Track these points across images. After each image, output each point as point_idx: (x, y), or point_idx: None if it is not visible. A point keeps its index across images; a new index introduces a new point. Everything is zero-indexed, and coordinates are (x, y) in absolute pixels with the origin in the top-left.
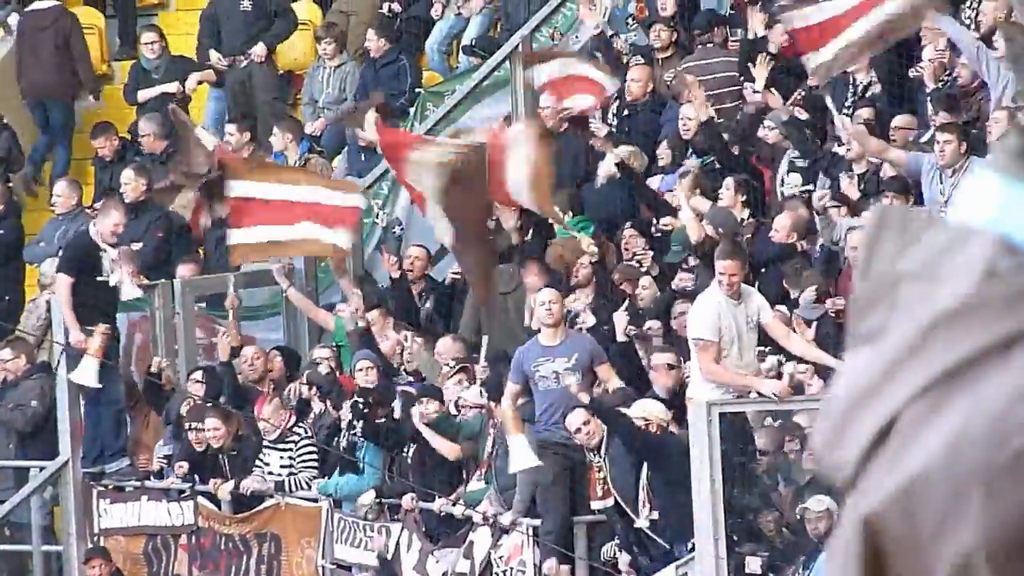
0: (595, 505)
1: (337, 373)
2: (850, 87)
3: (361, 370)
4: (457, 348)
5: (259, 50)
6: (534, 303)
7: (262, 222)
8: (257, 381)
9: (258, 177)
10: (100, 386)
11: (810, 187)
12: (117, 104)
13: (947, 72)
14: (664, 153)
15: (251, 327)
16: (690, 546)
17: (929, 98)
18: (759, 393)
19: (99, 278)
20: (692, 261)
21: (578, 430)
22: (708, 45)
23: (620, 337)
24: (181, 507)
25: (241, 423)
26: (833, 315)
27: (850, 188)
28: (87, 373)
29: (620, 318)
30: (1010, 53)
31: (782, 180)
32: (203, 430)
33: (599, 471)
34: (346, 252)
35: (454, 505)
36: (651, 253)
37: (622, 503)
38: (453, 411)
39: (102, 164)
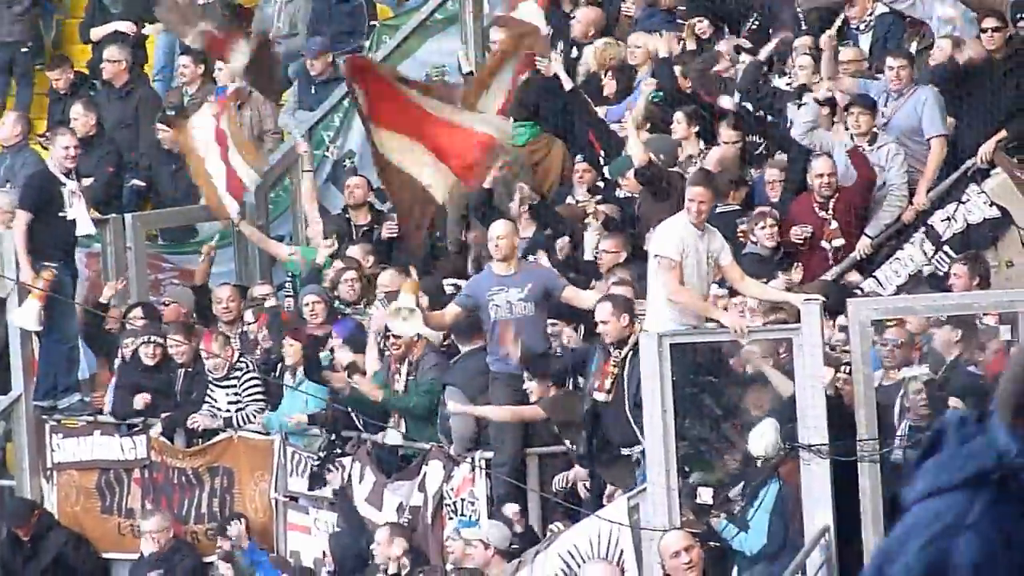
0: (596, 396)
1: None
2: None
3: (307, 304)
4: (398, 279)
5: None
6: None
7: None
8: (230, 323)
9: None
10: (38, 328)
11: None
12: (70, 38)
13: (869, 13)
14: (609, 83)
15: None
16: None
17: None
18: (720, 324)
19: (60, 214)
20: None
21: (604, 322)
22: None
23: (588, 256)
24: (134, 441)
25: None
26: (799, 241)
27: (799, 115)
28: (27, 316)
29: (590, 238)
30: None
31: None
32: (157, 344)
33: (613, 366)
34: None
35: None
36: (600, 190)
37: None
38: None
39: (56, 97)
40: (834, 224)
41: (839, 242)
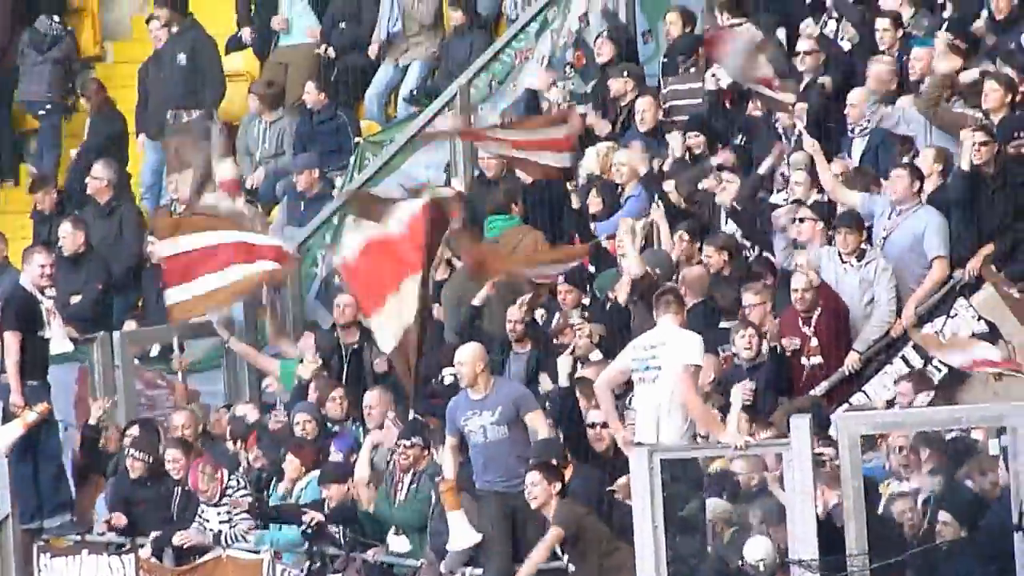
0: None
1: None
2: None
3: (299, 423)
4: (387, 398)
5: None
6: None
7: (193, 275)
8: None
9: (185, 230)
10: (6, 454)
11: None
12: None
13: (867, 119)
14: (595, 201)
15: (192, 379)
16: None
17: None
18: (719, 441)
19: (39, 332)
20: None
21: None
22: (691, 70)
23: (563, 382)
24: (122, 561)
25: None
26: (789, 354)
27: (794, 229)
28: (5, 439)
29: (564, 362)
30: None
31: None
32: (142, 460)
33: None
34: (279, 273)
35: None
36: (586, 305)
37: None
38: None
39: (40, 218)
40: (815, 342)
41: (817, 360)
